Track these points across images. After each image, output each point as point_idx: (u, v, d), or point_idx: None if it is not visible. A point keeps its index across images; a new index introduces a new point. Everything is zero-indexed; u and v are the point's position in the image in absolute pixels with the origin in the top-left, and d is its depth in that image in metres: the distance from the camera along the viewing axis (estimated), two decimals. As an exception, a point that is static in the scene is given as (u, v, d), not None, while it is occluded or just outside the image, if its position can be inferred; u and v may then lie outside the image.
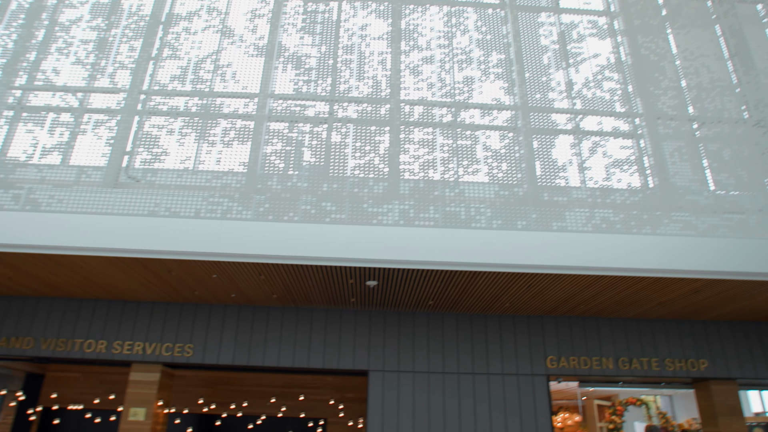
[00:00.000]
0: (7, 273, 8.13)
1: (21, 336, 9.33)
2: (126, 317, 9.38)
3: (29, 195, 6.59)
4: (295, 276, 7.59)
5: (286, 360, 9.11)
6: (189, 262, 7.12)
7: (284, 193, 6.88)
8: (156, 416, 9.21)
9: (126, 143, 7.56)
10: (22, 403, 13.25)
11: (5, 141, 7.29)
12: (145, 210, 6.58)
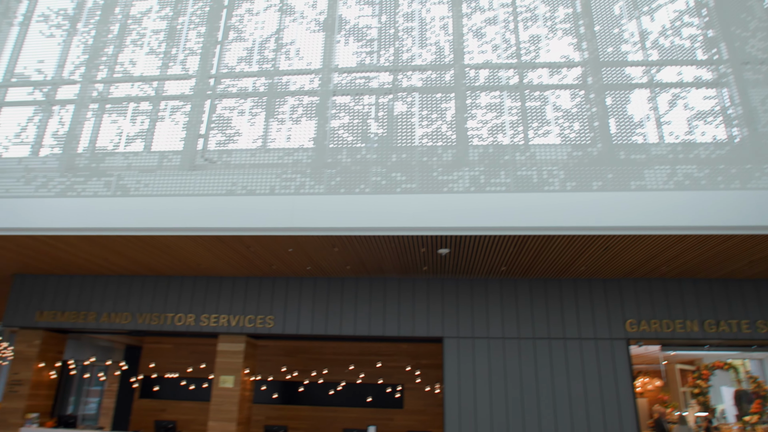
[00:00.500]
0: (103, 255, 8.78)
1: (120, 312, 10.11)
2: (210, 292, 9.93)
3: (119, 181, 7.06)
4: (368, 247, 7.74)
5: (362, 329, 9.37)
6: (266, 238, 7.42)
7: (354, 165, 6.98)
8: (244, 383, 9.79)
9: (200, 127, 7.89)
10: (125, 372, 14.44)
11: (93, 132, 7.79)
12: (224, 189, 6.89)
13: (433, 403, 12.35)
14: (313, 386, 12.88)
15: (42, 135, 7.96)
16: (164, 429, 10.24)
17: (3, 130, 8.14)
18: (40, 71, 8.29)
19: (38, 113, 8.12)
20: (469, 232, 6.80)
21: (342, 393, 12.74)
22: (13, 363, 10.43)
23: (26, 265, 9.88)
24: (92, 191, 7.07)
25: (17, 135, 7.95)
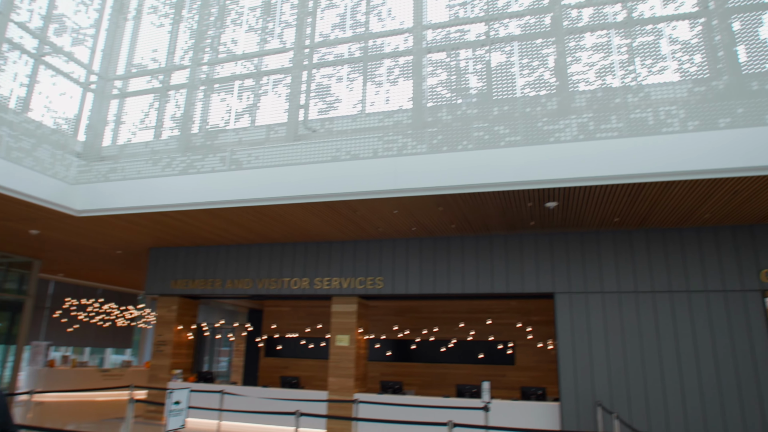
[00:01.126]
0: (223, 226, 9.47)
1: (241, 278, 10.92)
2: (322, 257, 10.40)
3: (232, 156, 7.52)
4: (473, 204, 7.67)
5: (470, 286, 9.38)
6: (371, 201, 7.58)
7: (455, 122, 6.88)
8: (358, 342, 10.24)
9: (300, 97, 8.13)
10: (250, 333, 15.65)
11: (204, 111, 8.31)
12: (328, 156, 7.10)
13: (546, 360, 12.20)
14: (425, 344, 13.20)
15: (162, 118, 8.62)
16: (289, 384, 11.03)
17: (129, 118, 8.91)
18: (155, 60, 8.93)
19: (157, 99, 8.79)
20: (579, 182, 6.50)
21: (453, 350, 12.94)
22: (156, 326, 11.68)
23: (159, 239, 10.91)
24: (210, 167, 7.60)
25: (142, 121, 8.68)
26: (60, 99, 8.39)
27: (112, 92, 9.22)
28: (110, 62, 9.23)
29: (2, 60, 7.36)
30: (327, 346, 13.72)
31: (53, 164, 8.17)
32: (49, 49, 8.26)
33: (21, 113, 7.72)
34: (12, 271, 13.97)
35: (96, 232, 10.26)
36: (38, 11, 7.94)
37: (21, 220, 9.59)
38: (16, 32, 7.66)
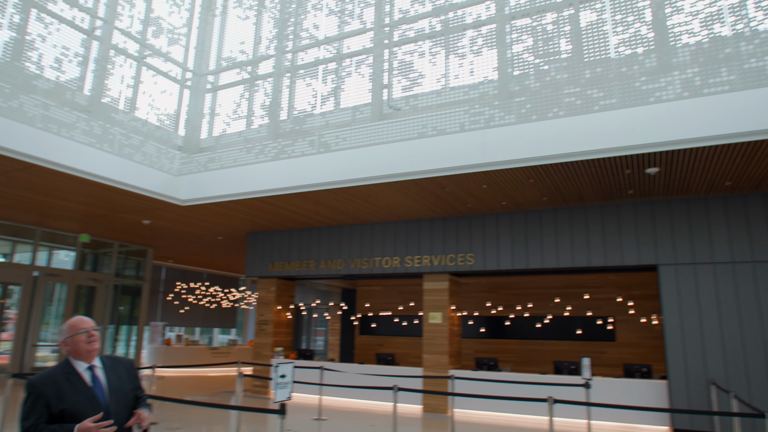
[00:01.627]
0: (315, 209, 9.76)
1: (334, 259, 11.23)
2: (411, 235, 10.45)
3: (320, 139, 7.70)
4: (565, 174, 7.35)
5: (564, 260, 9.05)
6: (459, 176, 7.48)
7: (544, 89, 6.60)
8: (451, 319, 10.24)
9: (383, 76, 8.13)
10: (344, 312, 16.12)
11: (291, 97, 8.54)
12: (414, 133, 7.07)
13: (650, 336, 11.56)
14: (519, 320, 12.96)
15: (252, 107, 8.98)
16: (384, 360, 11.27)
17: (223, 110, 9.36)
18: (243, 51, 9.28)
19: (246, 89, 9.16)
20: (684, 144, 6.02)
21: (549, 326, 12.60)
22: (257, 306, 12.34)
23: (256, 224, 11.46)
24: (299, 151, 7.83)
25: (234, 111, 9.09)
26: (161, 96, 8.97)
27: (206, 87, 9.72)
28: (202, 58, 9.72)
29: (110, 65, 7.97)
30: (420, 323, 13.84)
31: (159, 158, 8.78)
32: (149, 52, 8.84)
33: (129, 113, 8.34)
34: (130, 259, 15.30)
35: (199, 219, 10.96)
36: (137, 16, 8.50)
37: (135, 212, 10.44)
38: (119, 38, 8.26)
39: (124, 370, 2.79)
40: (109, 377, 2.67)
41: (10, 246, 13.08)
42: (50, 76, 7.11)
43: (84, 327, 2.64)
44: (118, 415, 2.59)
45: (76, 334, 2.62)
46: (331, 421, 8.88)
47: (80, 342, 2.61)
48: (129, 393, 2.72)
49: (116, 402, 2.61)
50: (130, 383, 2.75)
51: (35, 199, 9.79)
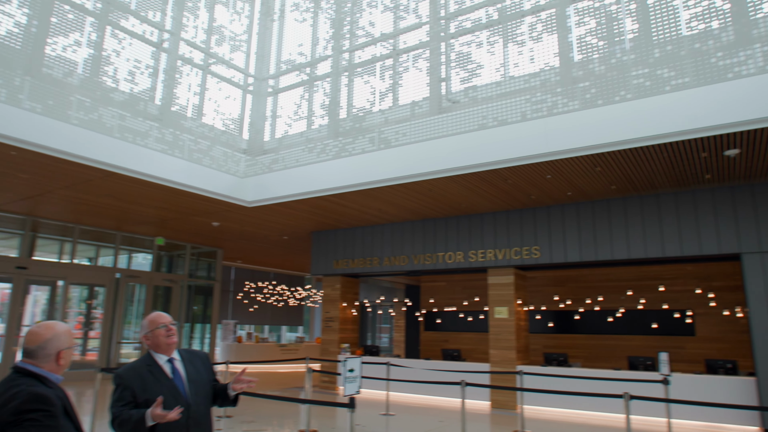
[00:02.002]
0: (376, 206, 9.82)
1: (397, 255, 11.27)
2: (474, 229, 10.32)
3: (380, 135, 7.74)
4: (635, 161, 7.02)
5: (636, 251, 8.66)
6: (522, 167, 7.31)
7: (609, 72, 6.32)
8: (517, 313, 10.04)
9: (441, 70, 8.06)
10: (409, 308, 16.16)
11: (350, 95, 8.63)
12: (475, 125, 6.96)
13: (734, 329, 10.86)
14: (589, 314, 12.53)
15: (312, 108, 9.15)
16: (450, 356, 11.20)
17: (285, 111, 9.58)
18: (301, 53, 9.47)
19: (306, 90, 9.33)
20: None
21: (621, 320, 12.11)
22: (323, 304, 12.57)
23: (319, 223, 11.67)
24: (360, 148, 7.90)
25: (295, 112, 9.29)
26: (226, 102, 9.31)
27: (267, 90, 9.99)
28: (263, 63, 10.00)
29: (178, 74, 8.34)
30: (486, 318, 13.65)
31: (226, 161, 9.11)
32: (213, 60, 9.19)
33: (197, 119, 8.71)
34: (201, 260, 15.98)
35: (265, 220, 11.29)
36: (201, 26, 8.85)
37: (204, 214, 10.89)
38: (185, 48, 8.63)
39: (201, 362, 2.90)
40: (187, 369, 2.79)
41: (94, 250, 13.98)
42: (125, 88, 7.53)
43: (162, 322, 2.77)
44: (198, 405, 2.71)
45: (156, 328, 2.75)
46: (399, 416, 8.92)
47: (160, 336, 2.74)
48: (207, 384, 2.83)
49: (195, 392, 2.73)
50: (207, 375, 2.87)
51: (115, 205, 10.40)
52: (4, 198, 10.18)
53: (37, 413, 1.83)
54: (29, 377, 1.97)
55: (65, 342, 2.08)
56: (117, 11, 7.61)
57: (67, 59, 6.85)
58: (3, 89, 6.19)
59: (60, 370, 2.08)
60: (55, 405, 1.90)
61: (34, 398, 1.85)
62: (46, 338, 2.03)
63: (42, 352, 2.01)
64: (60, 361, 2.06)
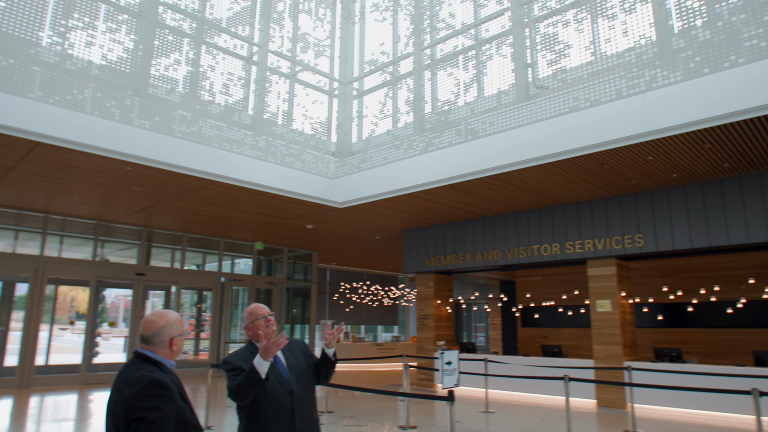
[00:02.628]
0: (466, 200, 9.68)
1: (490, 250, 11.03)
2: (570, 219, 9.88)
3: (467, 127, 7.61)
4: (753, 134, 6.37)
5: (758, 234, 7.85)
6: (619, 150, 6.89)
7: (715, 36, 5.78)
8: (622, 306, 9.47)
9: (526, 55, 7.80)
10: (504, 304, 15.80)
11: (434, 89, 8.57)
12: (565, 108, 6.64)
13: None
14: (704, 306, 11.56)
15: (397, 105, 9.20)
16: (551, 353, 10.79)
17: (370, 111, 9.71)
18: (383, 52, 9.55)
19: (390, 88, 9.40)
20: None
21: (743, 312, 11.05)
22: (417, 302, 12.59)
23: (410, 221, 11.70)
24: (447, 141, 7.81)
25: (380, 111, 9.39)
26: (313, 106, 9.59)
27: (353, 93, 10.18)
28: (347, 65, 10.20)
29: (268, 83, 8.72)
30: (587, 313, 13.03)
31: (316, 164, 9.39)
32: (299, 68, 9.51)
33: (287, 125, 9.05)
34: (298, 263, 16.59)
35: (356, 220, 11.50)
36: (287, 36, 9.20)
37: (299, 218, 11.29)
38: (273, 58, 9.01)
39: (300, 349, 3.00)
40: (287, 357, 2.89)
41: (201, 257, 14.96)
42: (220, 101, 7.98)
43: (261, 313, 2.89)
44: (300, 391, 2.79)
45: (255, 320, 2.87)
46: (499, 413, 8.72)
47: (259, 327, 2.86)
48: (307, 371, 2.91)
49: (297, 379, 2.81)
50: (306, 361, 2.95)
51: (217, 213, 11.06)
52: (123, 211, 11.16)
53: (155, 399, 1.96)
54: (147, 362, 2.12)
55: (177, 329, 2.22)
56: (211, 30, 8.09)
57: (169, 77, 7.37)
58: (117, 109, 6.77)
59: (173, 356, 2.22)
60: (171, 389, 2.03)
61: (152, 383, 1.99)
62: (160, 326, 2.18)
63: (157, 339, 2.16)
64: (173, 347, 2.20)
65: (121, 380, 2.04)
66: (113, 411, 1.98)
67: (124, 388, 1.99)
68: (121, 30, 7.01)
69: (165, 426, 1.94)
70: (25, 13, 6.18)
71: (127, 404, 1.94)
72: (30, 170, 8.24)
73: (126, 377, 2.04)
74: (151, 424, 1.91)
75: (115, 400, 2.00)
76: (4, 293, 11.60)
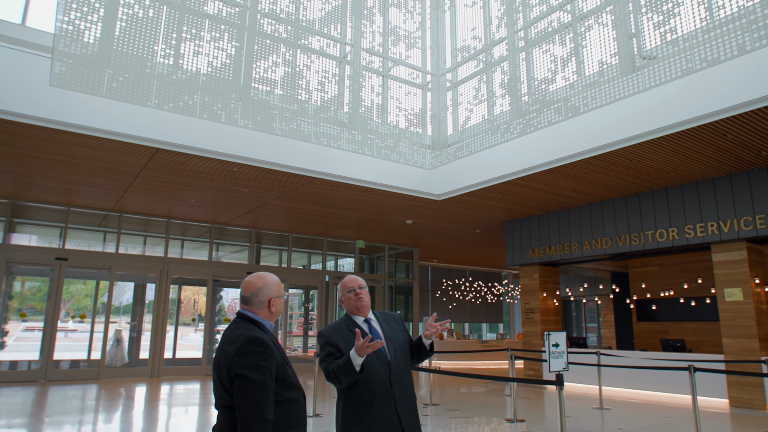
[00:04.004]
0: (570, 185, 9.19)
1: (599, 238, 10.40)
2: (688, 200, 9.05)
3: (567, 104, 7.21)
4: None
5: None
6: (745, 117, 6.17)
7: None
8: (755, 295, 8.50)
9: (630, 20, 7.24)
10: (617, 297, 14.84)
11: (529, 68, 8.21)
12: (678, 71, 6.03)
13: None
14: None
15: (492, 88, 8.96)
16: (672, 347, 9.95)
17: (464, 97, 9.55)
18: (475, 37, 9.35)
19: (484, 71, 9.17)
20: None
21: None
22: (522, 295, 12.17)
23: (511, 211, 11.34)
24: (546, 121, 7.46)
25: (475, 96, 9.19)
26: (407, 98, 9.60)
27: (446, 84, 10.05)
28: (438, 54, 10.09)
29: (362, 78, 8.85)
30: (713, 303, 11.88)
31: (412, 155, 9.38)
32: (392, 64, 9.55)
33: (381, 119, 9.13)
34: (399, 261, 16.71)
35: (455, 212, 11.34)
36: (378, 30, 9.29)
37: (397, 212, 11.36)
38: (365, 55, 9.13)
39: (396, 322, 2.96)
40: (384, 329, 2.87)
41: (306, 258, 15.55)
42: (316, 98, 8.23)
43: (351, 286, 2.89)
44: (398, 362, 2.75)
45: (346, 292, 2.89)
46: (615, 410, 8.16)
47: (350, 300, 2.87)
48: (404, 344, 2.86)
49: (394, 350, 2.77)
50: (402, 334, 2.91)
51: (319, 211, 11.42)
52: (233, 213, 11.87)
53: (255, 356, 2.01)
54: (248, 322, 2.18)
55: (275, 291, 2.27)
56: (305, 33, 8.37)
57: (268, 79, 7.72)
58: (222, 112, 7.20)
59: (272, 317, 2.27)
60: (271, 347, 2.07)
61: (252, 341, 2.04)
62: (258, 287, 2.24)
63: (255, 300, 2.22)
64: (271, 308, 2.25)
65: (224, 338, 2.12)
66: (218, 368, 2.06)
67: (227, 345, 2.07)
68: (223, 38, 7.45)
69: (265, 383, 1.98)
70: (143, 31, 6.77)
71: (229, 360, 2.01)
72: (152, 176, 9.00)
73: (229, 335, 2.11)
74: (251, 380, 1.96)
75: (220, 358, 2.07)
76: (137, 295, 12.89)
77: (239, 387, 1.96)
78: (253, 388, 1.95)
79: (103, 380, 11.01)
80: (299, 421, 2.13)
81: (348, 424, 2.63)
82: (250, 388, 1.95)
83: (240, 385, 1.96)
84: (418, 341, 2.87)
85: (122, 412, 7.83)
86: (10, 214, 10.93)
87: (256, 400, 1.94)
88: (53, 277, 11.07)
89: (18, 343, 12.83)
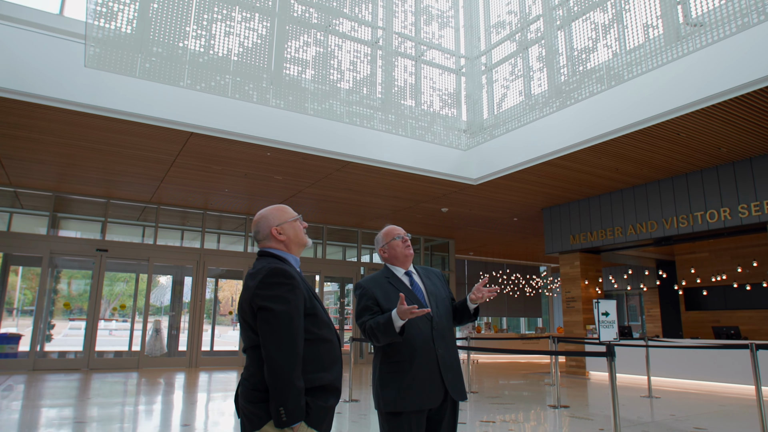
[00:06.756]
0: (612, 164, 8.80)
1: (643, 221, 9.95)
2: (743, 177, 8.54)
3: (610, 72, 6.86)
4: None
5: None
6: (806, 79, 5.73)
7: None
8: (818, 277, 7.95)
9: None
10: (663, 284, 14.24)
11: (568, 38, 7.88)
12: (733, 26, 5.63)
13: None
14: None
15: (530, 63, 8.66)
16: (725, 335, 9.43)
17: (500, 75, 9.27)
18: (510, 11, 9.06)
19: (521, 46, 8.87)
20: None
21: None
22: (563, 284, 11.77)
23: (549, 196, 10.98)
24: (587, 91, 7.13)
25: (511, 72, 8.91)
26: (440, 78, 9.38)
27: (481, 64, 9.78)
28: (472, 33, 9.81)
29: (394, 58, 8.68)
30: None
31: (447, 135, 9.16)
32: (425, 48, 9.35)
33: (415, 99, 8.94)
34: (435, 254, 16.46)
35: (491, 199, 11.05)
36: (410, 10, 9.11)
37: (432, 199, 11.13)
38: (398, 34, 8.97)
39: (437, 278, 2.78)
40: (425, 283, 2.69)
41: (341, 251, 15.46)
42: (348, 78, 8.10)
43: (398, 233, 2.72)
44: (440, 317, 2.57)
45: (392, 240, 2.70)
46: (665, 399, 7.75)
47: (397, 247, 2.68)
48: (446, 299, 2.68)
49: (436, 305, 2.59)
50: (444, 290, 2.72)
51: (353, 199, 11.29)
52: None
53: (279, 287, 1.83)
54: (268, 257, 2.03)
55: (275, 219, 2.10)
56: (336, 16, 8.26)
57: (299, 59, 7.64)
58: (254, 92, 7.15)
59: (290, 248, 2.09)
60: (295, 278, 1.89)
61: (274, 272, 1.87)
62: (256, 222, 2.11)
63: (260, 235, 2.09)
64: (280, 237, 2.07)
65: (247, 276, 1.96)
66: (242, 307, 1.90)
67: (249, 281, 1.90)
68: (254, 18, 7.40)
69: (291, 313, 1.80)
70: (175, 11, 6.78)
71: (251, 294, 1.84)
72: (186, 164, 9.05)
73: (251, 272, 1.95)
74: (275, 312, 1.78)
75: (242, 295, 1.92)
76: (174, 293, 13.15)
77: (263, 320, 1.78)
78: (277, 321, 1.76)
79: (142, 369, 11.17)
80: (332, 363, 1.93)
81: (386, 382, 2.45)
82: (275, 321, 1.76)
83: (264, 318, 1.78)
84: (462, 303, 2.66)
85: (163, 395, 7.88)
86: (53, 208, 11.20)
87: (281, 333, 1.76)
88: (94, 270, 11.28)
89: (65, 338, 13.31)
